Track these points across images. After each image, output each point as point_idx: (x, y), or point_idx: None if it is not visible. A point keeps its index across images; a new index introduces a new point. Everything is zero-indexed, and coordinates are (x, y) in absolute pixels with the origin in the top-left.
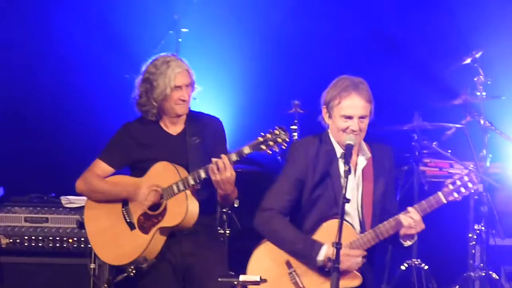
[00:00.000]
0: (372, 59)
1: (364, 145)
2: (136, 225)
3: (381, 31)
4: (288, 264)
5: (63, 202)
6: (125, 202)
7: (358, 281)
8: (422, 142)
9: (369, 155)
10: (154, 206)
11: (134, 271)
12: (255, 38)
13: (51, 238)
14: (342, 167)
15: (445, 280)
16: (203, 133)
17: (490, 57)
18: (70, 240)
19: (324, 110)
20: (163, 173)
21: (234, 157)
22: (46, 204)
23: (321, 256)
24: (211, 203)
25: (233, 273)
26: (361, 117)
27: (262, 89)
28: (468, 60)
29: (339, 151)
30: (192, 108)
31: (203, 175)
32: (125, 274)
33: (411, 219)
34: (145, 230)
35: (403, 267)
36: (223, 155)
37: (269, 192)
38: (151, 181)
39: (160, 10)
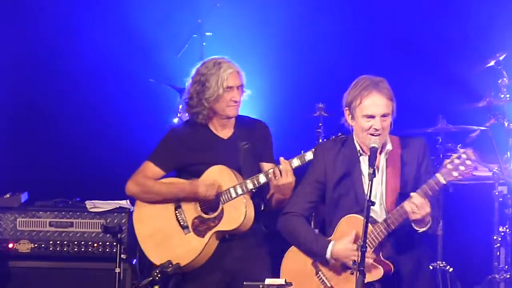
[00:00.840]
0: (395, 62)
1: (388, 140)
2: (190, 228)
3: (405, 34)
4: (315, 265)
5: (88, 206)
6: (178, 205)
7: (379, 273)
8: (447, 145)
9: (390, 149)
10: (209, 209)
11: (159, 275)
12: (279, 42)
13: (76, 242)
14: (364, 167)
15: (470, 282)
16: (252, 137)
17: None
18: (95, 245)
19: (346, 112)
20: (218, 177)
21: (295, 162)
22: (71, 208)
23: (328, 253)
24: (260, 208)
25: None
26: (383, 116)
27: (287, 93)
28: (492, 63)
29: (358, 146)
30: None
31: (262, 180)
32: (150, 278)
33: (413, 204)
34: (200, 233)
35: None
36: (283, 160)
37: (292, 195)
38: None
39: (184, 14)
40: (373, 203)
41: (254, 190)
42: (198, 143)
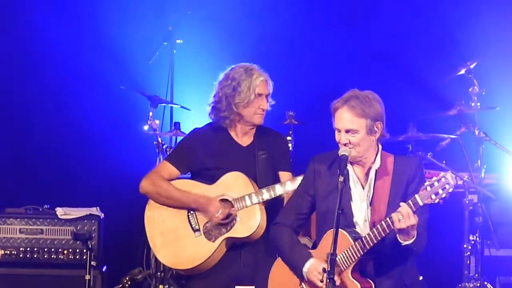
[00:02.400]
0: (367, 70)
1: (379, 157)
2: (202, 231)
3: (376, 43)
4: (299, 277)
5: (58, 213)
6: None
7: None
8: (417, 152)
9: (378, 165)
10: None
11: (129, 283)
12: (249, 49)
13: (46, 249)
14: (352, 183)
15: None
16: (270, 148)
17: (484, 68)
18: (65, 252)
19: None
20: (234, 183)
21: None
22: (41, 215)
23: (306, 268)
24: (273, 219)
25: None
26: (348, 131)
27: None
28: (463, 71)
29: (348, 165)
30: (187, 119)
31: (278, 191)
32: (120, 286)
33: (399, 213)
34: (211, 237)
35: None
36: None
37: (283, 207)
38: (221, 190)
39: (155, 21)
40: (342, 211)
41: (268, 200)
42: (217, 147)
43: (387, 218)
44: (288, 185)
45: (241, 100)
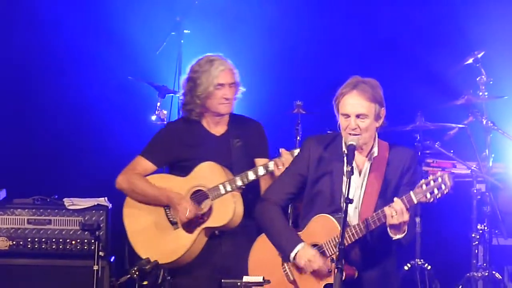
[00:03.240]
0: (374, 60)
1: (376, 145)
2: (179, 224)
3: (383, 32)
4: (285, 258)
5: (66, 204)
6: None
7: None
8: (425, 142)
9: (375, 154)
10: (198, 204)
11: (137, 273)
12: (257, 39)
13: (54, 240)
14: (346, 168)
15: (448, 280)
16: (245, 135)
17: (492, 57)
18: (73, 242)
19: (335, 113)
20: (208, 173)
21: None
22: (49, 206)
23: (294, 253)
24: (252, 206)
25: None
26: (359, 116)
27: (265, 90)
28: (470, 60)
29: (346, 151)
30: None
31: (251, 177)
32: (128, 276)
33: (393, 209)
34: (189, 229)
35: (406, 267)
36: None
37: (271, 183)
38: (195, 181)
39: (162, 12)
40: (351, 201)
41: (243, 187)
42: (191, 139)
43: (379, 211)
44: (260, 170)
45: (202, 92)
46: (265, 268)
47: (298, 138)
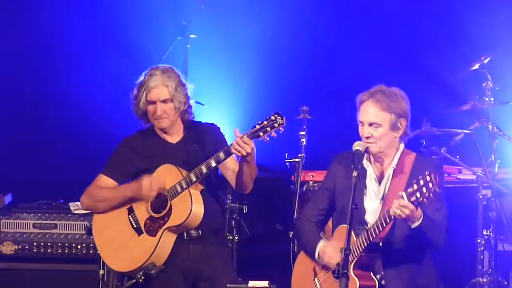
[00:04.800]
0: (380, 65)
1: (398, 155)
2: (143, 229)
3: (389, 37)
4: (314, 271)
5: (71, 208)
6: (131, 209)
7: (353, 285)
8: (431, 148)
9: (395, 163)
10: (160, 209)
11: (142, 277)
12: (263, 44)
13: (59, 244)
14: (369, 181)
15: (454, 285)
16: (202, 140)
17: (498, 63)
18: (79, 246)
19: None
20: (166, 175)
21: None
22: (54, 210)
23: (316, 252)
24: (218, 208)
25: (241, 279)
26: (372, 124)
27: (271, 95)
28: (476, 66)
29: (366, 162)
30: (202, 114)
31: (204, 170)
32: (134, 280)
33: (394, 207)
34: (152, 232)
35: None
36: (238, 135)
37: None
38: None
39: (169, 16)
40: (356, 207)
41: (201, 185)
42: (148, 149)
43: (385, 212)
44: (212, 162)
45: (138, 106)
46: (300, 282)
47: (304, 143)
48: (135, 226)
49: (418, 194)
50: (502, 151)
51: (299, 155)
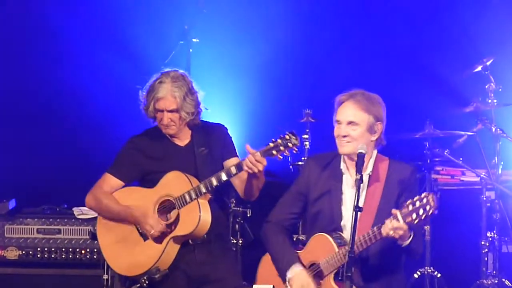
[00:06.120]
0: (383, 68)
1: (372, 161)
2: (149, 236)
3: (392, 40)
4: (284, 278)
5: (75, 213)
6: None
7: None
8: (434, 150)
9: (369, 169)
10: (166, 215)
11: (147, 282)
12: (266, 47)
13: (63, 249)
14: (345, 186)
15: (458, 287)
16: (210, 142)
17: (501, 65)
18: (83, 251)
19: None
20: (174, 182)
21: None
22: (58, 215)
23: (289, 274)
24: (223, 213)
25: (245, 283)
26: (350, 123)
27: (274, 98)
28: (479, 68)
29: (344, 166)
30: (204, 118)
31: (215, 182)
32: (138, 285)
33: (387, 229)
34: (158, 240)
35: (416, 275)
36: (251, 151)
37: (276, 205)
38: (163, 191)
39: (171, 20)
40: (360, 209)
41: (210, 194)
42: (156, 152)
43: (375, 228)
44: (223, 176)
45: (146, 112)
46: (272, 282)
47: (307, 146)
48: (141, 231)
49: (414, 216)
50: (506, 153)
51: (303, 158)
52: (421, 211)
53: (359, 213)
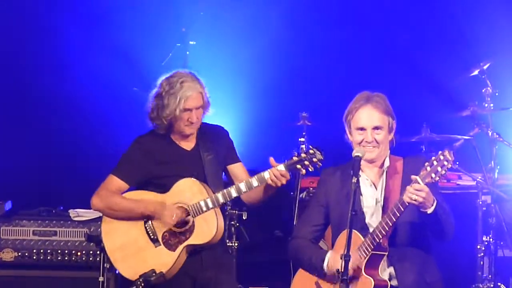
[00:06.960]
0: (380, 71)
1: (388, 158)
2: (161, 241)
3: (389, 43)
4: (317, 285)
5: (71, 215)
6: (147, 218)
7: (369, 284)
8: (430, 153)
9: (388, 164)
10: (180, 223)
11: (143, 284)
12: (263, 50)
13: (59, 251)
14: (363, 187)
15: None
16: (215, 146)
17: (497, 69)
18: (79, 253)
19: (346, 129)
20: (188, 190)
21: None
22: (54, 217)
23: (325, 263)
24: (224, 217)
25: (240, 286)
26: (375, 128)
27: (270, 101)
28: (476, 72)
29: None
30: (203, 120)
31: (234, 194)
32: (134, 287)
33: (411, 189)
34: (171, 247)
35: None
36: (274, 165)
37: (298, 221)
38: (175, 198)
39: (168, 23)
40: (356, 213)
41: (225, 203)
42: (162, 155)
43: (397, 202)
44: (242, 186)
45: (168, 114)
46: None
47: (304, 149)
48: (152, 236)
49: (433, 175)
50: (502, 157)
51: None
52: (439, 168)
53: (380, 207)
